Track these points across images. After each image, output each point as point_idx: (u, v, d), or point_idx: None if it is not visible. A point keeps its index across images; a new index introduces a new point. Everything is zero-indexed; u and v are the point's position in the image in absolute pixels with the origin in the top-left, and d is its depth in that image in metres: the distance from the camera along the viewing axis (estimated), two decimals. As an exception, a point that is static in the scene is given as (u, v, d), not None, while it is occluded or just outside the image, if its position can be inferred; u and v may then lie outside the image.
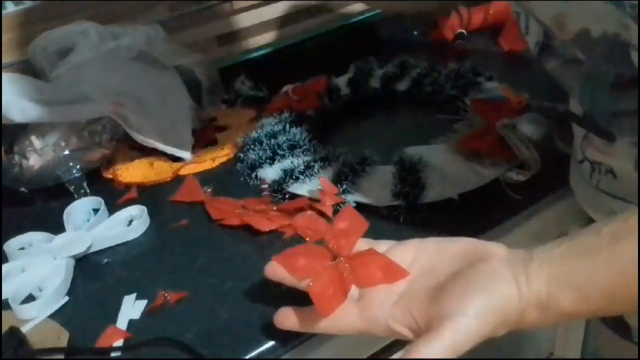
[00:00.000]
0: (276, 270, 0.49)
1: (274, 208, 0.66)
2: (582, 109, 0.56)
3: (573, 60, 0.52)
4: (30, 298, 0.59)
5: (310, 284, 0.45)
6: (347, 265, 0.48)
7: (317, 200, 0.64)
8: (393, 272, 0.46)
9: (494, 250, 0.44)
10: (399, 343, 0.56)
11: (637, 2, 0.41)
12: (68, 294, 0.59)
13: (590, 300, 0.40)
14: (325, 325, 0.46)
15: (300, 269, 0.48)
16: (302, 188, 0.67)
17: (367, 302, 0.45)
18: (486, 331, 0.40)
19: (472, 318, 0.40)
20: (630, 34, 0.44)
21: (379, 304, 0.45)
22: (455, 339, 0.40)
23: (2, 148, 0.75)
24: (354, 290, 0.47)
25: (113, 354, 0.52)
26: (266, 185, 0.69)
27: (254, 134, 0.76)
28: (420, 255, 0.47)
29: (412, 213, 0.62)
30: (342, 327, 0.46)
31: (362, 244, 0.50)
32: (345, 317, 0.46)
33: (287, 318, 0.48)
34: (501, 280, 0.41)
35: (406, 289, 0.45)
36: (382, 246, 0.49)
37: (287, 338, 0.52)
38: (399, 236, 0.60)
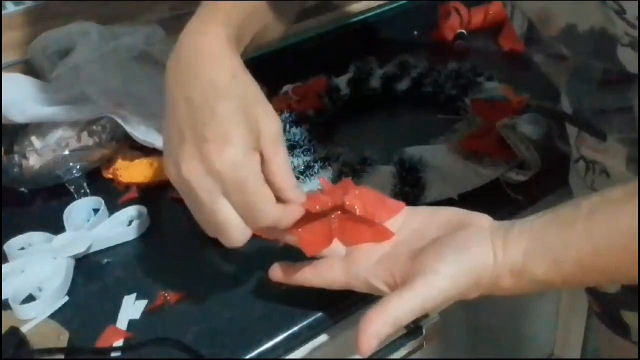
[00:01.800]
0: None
1: None
2: (571, 106, 0.56)
3: (558, 55, 0.52)
4: (30, 298, 0.59)
5: (299, 230, 0.48)
6: (336, 220, 0.49)
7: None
8: (380, 233, 0.48)
9: (478, 219, 0.46)
10: (398, 342, 0.56)
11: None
12: (68, 294, 0.60)
13: (563, 269, 0.41)
14: (312, 278, 0.49)
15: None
16: (302, 188, 0.67)
17: (352, 259, 0.48)
18: (457, 291, 0.42)
19: (443, 276, 0.42)
20: (615, 28, 0.44)
21: (363, 261, 0.47)
22: (425, 294, 0.42)
23: (2, 148, 0.75)
24: (342, 248, 0.49)
25: (113, 354, 0.52)
26: (266, 185, 0.69)
27: (254, 134, 0.76)
28: (410, 221, 0.49)
29: (412, 213, 0.62)
30: (328, 280, 0.49)
31: None
32: (331, 271, 0.48)
33: (279, 271, 0.51)
34: (477, 245, 0.43)
35: (390, 250, 0.47)
36: None
37: (287, 339, 0.52)
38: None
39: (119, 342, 0.53)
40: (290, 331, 0.52)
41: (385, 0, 1.12)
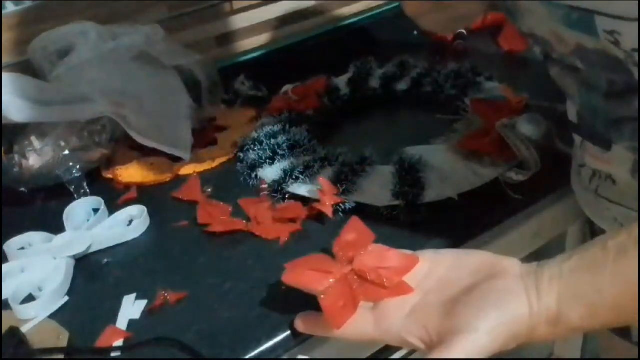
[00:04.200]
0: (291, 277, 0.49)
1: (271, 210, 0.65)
2: (577, 116, 0.56)
3: (571, 67, 0.52)
4: (30, 298, 0.59)
5: (322, 296, 0.46)
6: (356, 277, 0.48)
7: (317, 200, 0.64)
8: (398, 289, 0.47)
9: (508, 265, 0.45)
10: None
11: (612, 30, 0.42)
12: (68, 294, 0.59)
13: (599, 313, 0.41)
14: (340, 331, 0.47)
15: (309, 280, 0.48)
16: (302, 188, 0.67)
17: (381, 312, 0.47)
18: (496, 346, 0.42)
19: (483, 334, 0.41)
20: (618, 50, 0.44)
21: (394, 315, 0.46)
22: (466, 354, 0.41)
23: (2, 148, 0.75)
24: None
25: (113, 354, 0.52)
26: (266, 185, 0.69)
27: (254, 134, 0.76)
28: (436, 267, 0.48)
29: (411, 213, 0.62)
30: (357, 334, 0.48)
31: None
32: (360, 325, 0.47)
33: (306, 322, 0.50)
34: (514, 297, 0.43)
35: (421, 301, 0.46)
36: None
37: (287, 339, 0.52)
38: (399, 236, 0.60)
39: (119, 342, 0.53)
40: (290, 331, 0.52)
41: (385, 0, 1.12)
